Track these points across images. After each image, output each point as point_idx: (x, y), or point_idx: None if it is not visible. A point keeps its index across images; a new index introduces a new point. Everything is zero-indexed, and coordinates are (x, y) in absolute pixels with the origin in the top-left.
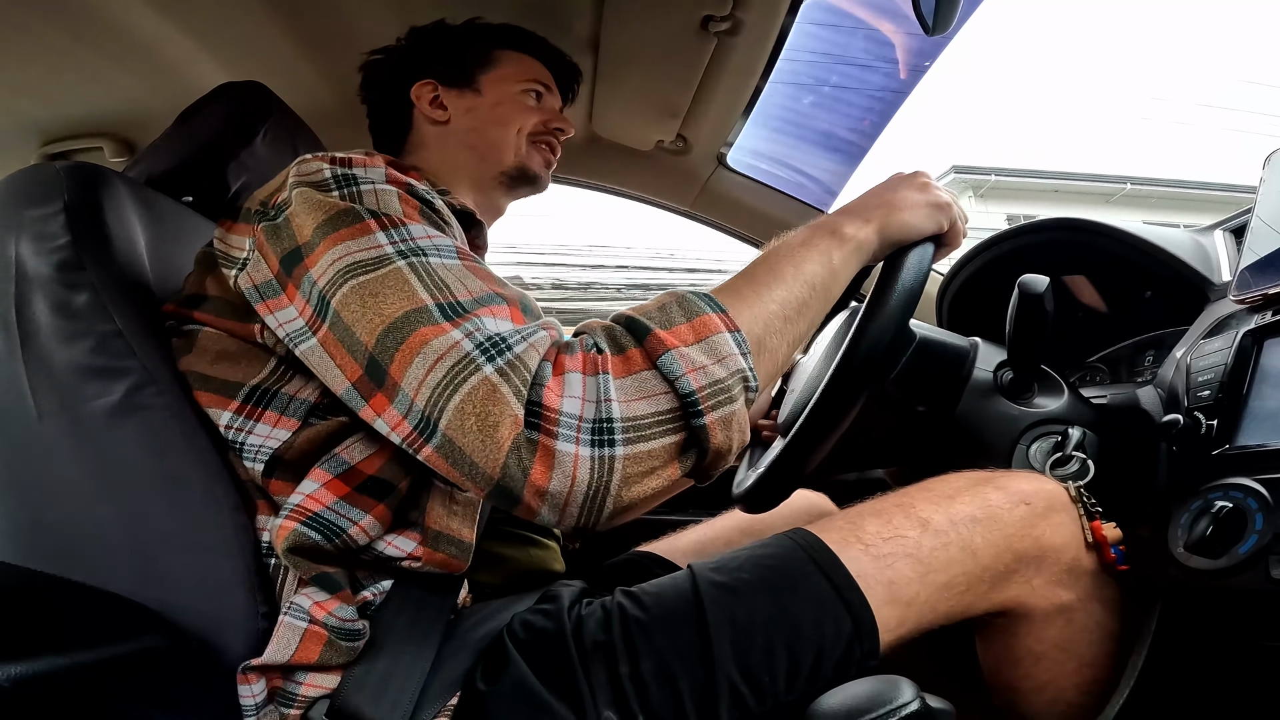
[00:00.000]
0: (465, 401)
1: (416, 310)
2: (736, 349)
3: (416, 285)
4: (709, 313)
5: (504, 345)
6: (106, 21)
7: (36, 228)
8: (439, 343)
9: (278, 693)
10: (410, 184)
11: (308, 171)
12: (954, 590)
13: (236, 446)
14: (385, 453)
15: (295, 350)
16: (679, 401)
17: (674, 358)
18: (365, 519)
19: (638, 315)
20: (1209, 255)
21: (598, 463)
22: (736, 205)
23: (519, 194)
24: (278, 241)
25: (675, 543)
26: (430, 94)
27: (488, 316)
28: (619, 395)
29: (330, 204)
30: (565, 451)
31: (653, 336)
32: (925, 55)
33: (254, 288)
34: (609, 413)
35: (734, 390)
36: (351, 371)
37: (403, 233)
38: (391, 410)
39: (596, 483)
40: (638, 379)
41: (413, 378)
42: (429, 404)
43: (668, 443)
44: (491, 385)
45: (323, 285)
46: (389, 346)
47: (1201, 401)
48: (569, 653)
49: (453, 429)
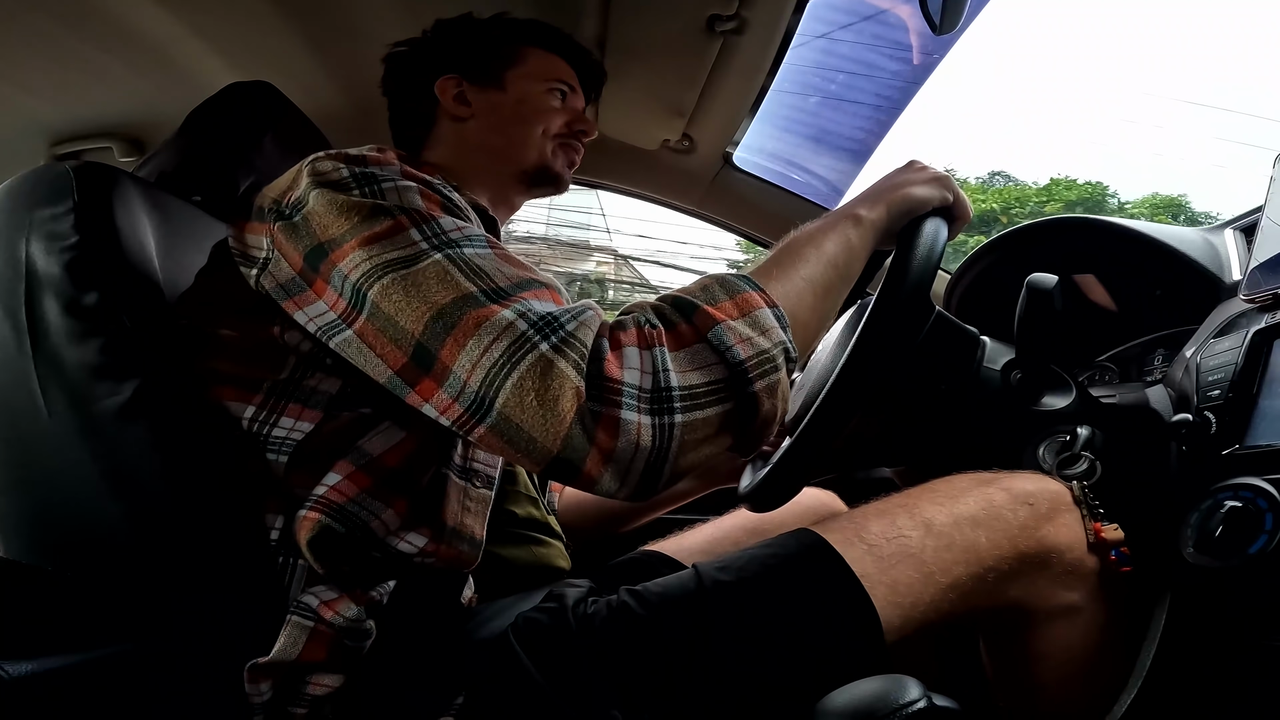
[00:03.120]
0: (524, 378)
1: (464, 297)
2: (777, 323)
3: (458, 275)
4: (749, 290)
5: (557, 323)
6: (116, 22)
7: (47, 227)
8: (492, 324)
9: (285, 692)
10: (427, 179)
11: (323, 171)
12: (958, 591)
13: (260, 439)
14: (408, 445)
15: (329, 343)
16: (729, 372)
17: (723, 331)
18: (387, 512)
19: (684, 295)
20: (1219, 254)
21: (659, 430)
22: (743, 204)
23: (538, 193)
24: (298, 240)
25: (681, 542)
26: (455, 89)
27: (533, 299)
28: (675, 366)
29: (354, 203)
30: (629, 420)
31: (701, 312)
32: (932, 53)
33: (279, 286)
34: (667, 382)
35: (778, 360)
36: (395, 360)
37: (434, 226)
38: (441, 394)
39: (658, 450)
40: (690, 351)
41: (466, 360)
42: (484, 384)
43: (721, 410)
44: (549, 361)
45: (356, 279)
46: (439, 332)
47: (1211, 401)
48: (574, 652)
49: (511, 406)
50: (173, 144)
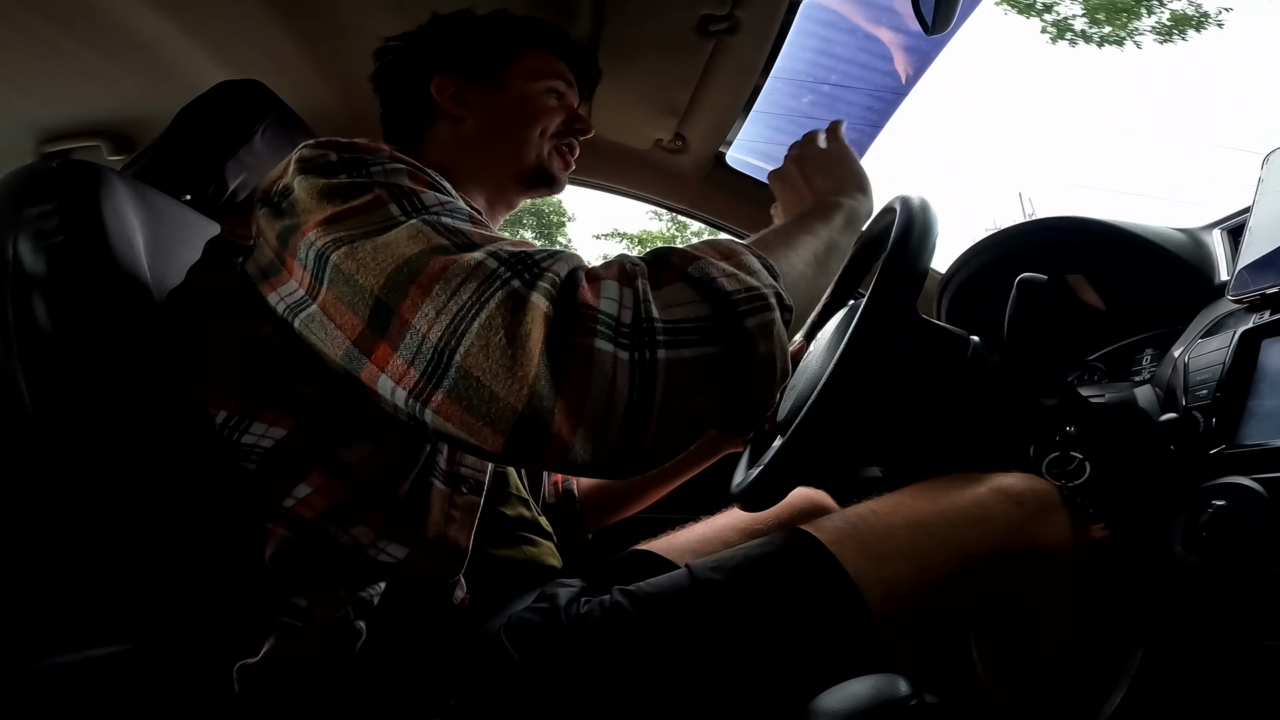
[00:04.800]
0: (492, 316)
1: (433, 247)
2: (765, 269)
3: (431, 232)
4: (740, 247)
5: (530, 260)
6: (105, 20)
7: (34, 225)
8: (460, 265)
9: (274, 693)
10: (417, 164)
11: (310, 157)
12: (949, 589)
13: (232, 445)
14: (386, 453)
15: (295, 323)
16: (714, 308)
17: (704, 265)
18: (359, 528)
19: (670, 250)
20: (1207, 254)
21: (639, 367)
22: (735, 204)
23: (534, 194)
24: (279, 221)
25: (673, 541)
26: (452, 88)
27: (506, 245)
28: (657, 302)
29: (338, 185)
30: (604, 350)
31: (680, 253)
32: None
33: (259, 271)
34: (649, 313)
35: (770, 300)
36: (352, 327)
37: (415, 201)
38: (396, 360)
39: (640, 393)
40: (672, 289)
41: (430, 308)
42: (446, 333)
43: (709, 351)
44: (521, 296)
45: (320, 244)
46: (401, 282)
47: (1199, 400)
48: (567, 652)
49: (473, 355)
50: (162, 142)
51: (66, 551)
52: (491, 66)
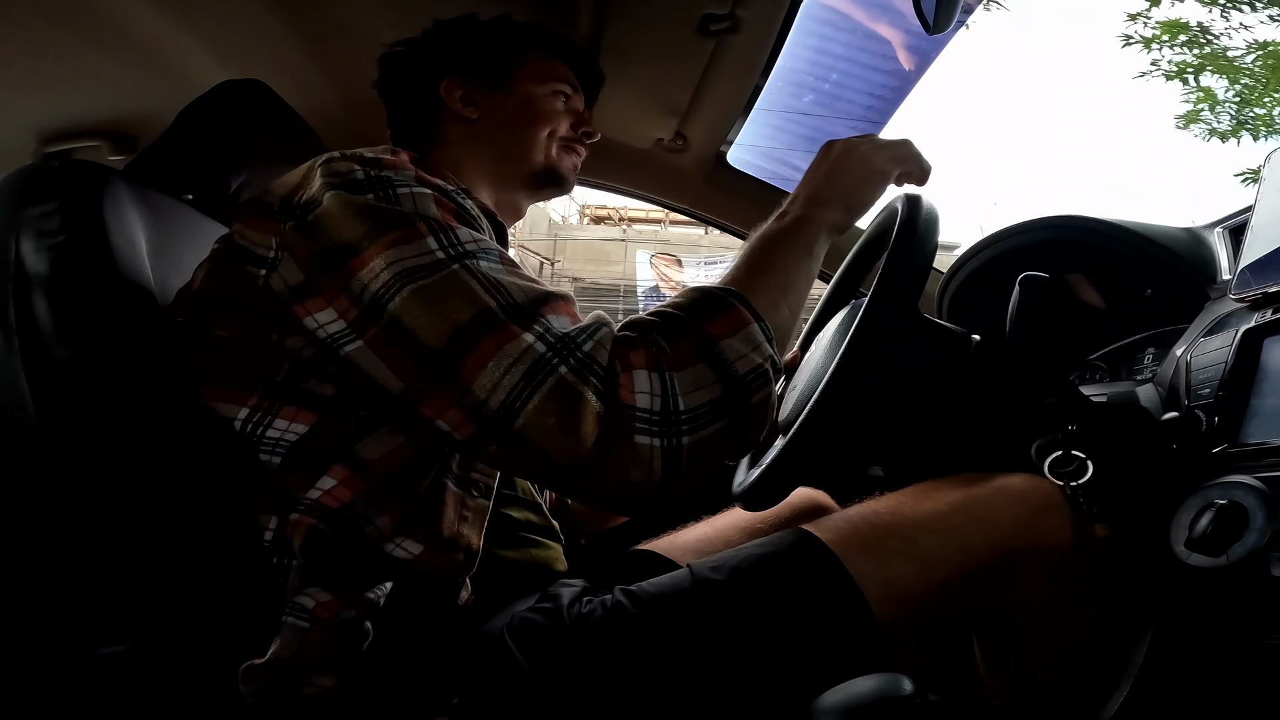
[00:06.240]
0: (545, 401)
1: (483, 313)
2: (764, 338)
3: (477, 289)
4: (739, 306)
5: (574, 344)
6: (106, 20)
7: (36, 225)
8: (513, 347)
9: (280, 693)
10: (441, 186)
11: (339, 172)
12: (951, 589)
13: (254, 440)
14: (406, 451)
15: (340, 352)
16: (726, 390)
17: (723, 349)
18: (381, 519)
19: (680, 311)
20: (1209, 253)
21: (669, 453)
22: (736, 203)
23: (543, 195)
24: (311, 242)
25: (675, 541)
26: (460, 91)
27: (552, 316)
28: (680, 389)
29: (369, 207)
30: (643, 444)
31: (700, 331)
32: (926, 53)
33: (288, 289)
34: (676, 405)
35: (769, 373)
36: (408, 374)
37: (451, 237)
38: (455, 411)
39: (669, 470)
40: (694, 372)
41: (487, 380)
42: (505, 405)
43: (720, 426)
44: (569, 384)
45: (376, 289)
46: (461, 350)
47: (1202, 399)
48: (569, 651)
49: (531, 428)
50: (164, 142)
51: (70, 551)
52: (499, 70)
